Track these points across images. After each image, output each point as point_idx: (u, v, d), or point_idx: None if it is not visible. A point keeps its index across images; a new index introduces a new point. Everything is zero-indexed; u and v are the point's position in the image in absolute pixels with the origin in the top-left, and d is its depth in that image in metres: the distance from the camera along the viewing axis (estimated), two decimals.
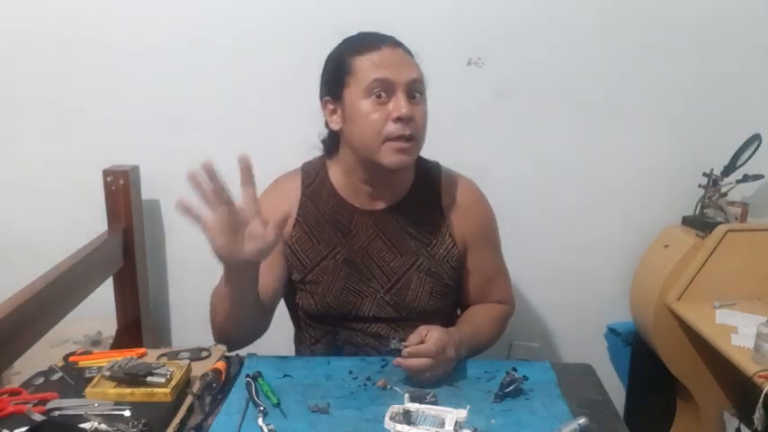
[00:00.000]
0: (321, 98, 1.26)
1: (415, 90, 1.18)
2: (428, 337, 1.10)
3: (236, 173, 0.97)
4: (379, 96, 1.16)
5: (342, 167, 1.30)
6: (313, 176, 1.33)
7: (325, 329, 1.32)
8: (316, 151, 1.36)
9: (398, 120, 1.15)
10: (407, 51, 1.22)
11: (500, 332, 1.37)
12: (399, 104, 1.15)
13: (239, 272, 1.08)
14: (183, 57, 1.78)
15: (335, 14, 1.74)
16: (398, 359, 1.10)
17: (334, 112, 1.24)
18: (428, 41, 1.72)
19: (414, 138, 1.18)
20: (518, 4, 1.76)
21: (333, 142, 1.31)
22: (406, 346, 1.10)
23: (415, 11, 1.75)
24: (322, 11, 1.75)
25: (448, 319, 1.31)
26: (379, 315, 1.29)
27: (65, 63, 1.78)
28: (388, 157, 1.18)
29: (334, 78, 1.21)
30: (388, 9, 1.74)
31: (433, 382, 1.11)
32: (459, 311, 1.42)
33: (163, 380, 1.06)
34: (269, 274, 1.25)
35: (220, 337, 1.22)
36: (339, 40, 1.26)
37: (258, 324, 1.24)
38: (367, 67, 1.17)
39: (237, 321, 1.18)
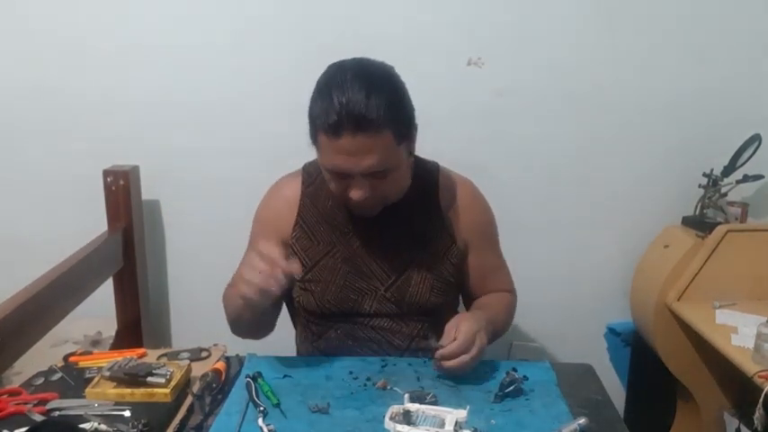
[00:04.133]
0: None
1: (376, 171, 1.13)
2: (457, 332, 1.12)
3: (234, 172, 0.97)
4: (336, 175, 1.16)
5: None
6: (314, 176, 1.33)
7: (328, 325, 1.33)
8: (315, 152, 1.36)
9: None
10: (374, 132, 1.08)
11: (511, 318, 1.40)
12: (355, 191, 1.15)
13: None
14: (183, 57, 1.78)
15: (336, 14, 1.74)
16: (438, 365, 1.13)
17: None
18: (428, 41, 1.74)
19: (377, 203, 1.21)
20: (518, 4, 1.76)
21: None
22: (441, 346, 1.11)
23: (415, 11, 1.75)
24: (322, 10, 1.74)
25: (450, 315, 1.32)
26: (380, 311, 1.30)
27: (65, 63, 1.78)
28: (356, 211, 1.25)
29: (309, 127, 1.16)
30: (389, 9, 1.74)
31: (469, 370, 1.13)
32: (462, 305, 1.44)
33: (163, 380, 1.06)
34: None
35: (231, 330, 1.30)
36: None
37: (265, 325, 1.32)
38: (326, 150, 1.13)
39: (244, 325, 1.26)
